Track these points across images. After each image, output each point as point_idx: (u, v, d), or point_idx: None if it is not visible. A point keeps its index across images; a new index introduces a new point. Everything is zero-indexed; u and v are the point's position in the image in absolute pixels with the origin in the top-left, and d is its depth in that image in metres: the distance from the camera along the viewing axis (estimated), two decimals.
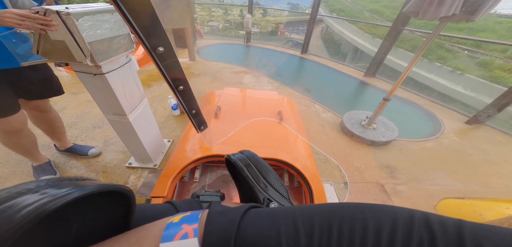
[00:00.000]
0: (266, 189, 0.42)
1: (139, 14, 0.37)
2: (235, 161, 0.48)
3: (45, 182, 0.21)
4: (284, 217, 0.25)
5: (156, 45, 0.42)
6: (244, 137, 1.19)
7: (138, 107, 1.30)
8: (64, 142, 1.61)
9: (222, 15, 22.24)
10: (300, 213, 0.25)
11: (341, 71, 4.52)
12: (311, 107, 2.82)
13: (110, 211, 0.28)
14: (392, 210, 0.22)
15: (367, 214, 0.22)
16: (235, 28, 20.48)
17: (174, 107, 2.24)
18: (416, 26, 7.27)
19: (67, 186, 0.21)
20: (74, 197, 0.20)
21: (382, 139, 2.14)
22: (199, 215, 0.27)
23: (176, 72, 0.52)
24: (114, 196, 0.26)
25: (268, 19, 22.76)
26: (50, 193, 0.19)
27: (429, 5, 1.30)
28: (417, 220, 0.20)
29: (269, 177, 0.45)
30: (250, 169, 0.46)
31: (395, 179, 1.81)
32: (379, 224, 0.21)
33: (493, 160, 2.20)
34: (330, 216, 0.23)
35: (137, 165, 1.63)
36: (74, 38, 0.80)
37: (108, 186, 0.24)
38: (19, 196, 0.18)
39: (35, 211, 0.17)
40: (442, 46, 8.33)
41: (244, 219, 0.25)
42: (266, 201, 0.39)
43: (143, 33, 0.39)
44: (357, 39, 11.22)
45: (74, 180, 0.23)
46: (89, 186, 0.22)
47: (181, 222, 0.25)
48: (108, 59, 0.96)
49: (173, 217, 0.27)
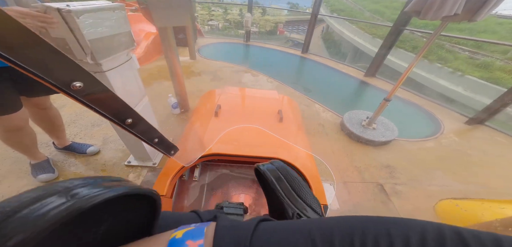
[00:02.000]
0: (296, 203, 0.40)
1: (28, 52, 0.27)
2: (264, 172, 0.46)
3: (75, 183, 0.20)
4: (300, 233, 0.23)
5: (68, 80, 0.32)
6: (244, 136, 1.19)
7: (138, 105, 1.30)
8: (63, 140, 1.60)
9: (222, 14, 22.23)
10: (317, 228, 0.23)
11: (341, 71, 4.52)
12: (312, 107, 2.82)
13: (137, 214, 0.27)
14: (419, 225, 0.21)
15: (392, 229, 0.20)
16: (234, 27, 20.46)
17: (174, 106, 2.24)
18: (416, 26, 7.28)
19: (97, 187, 0.20)
20: (104, 199, 0.19)
21: (381, 139, 2.14)
22: (204, 229, 0.25)
23: (114, 104, 0.41)
24: (140, 200, 0.25)
25: (267, 18, 22.75)
26: (80, 194, 0.18)
27: (431, 5, 1.29)
28: (449, 236, 0.19)
29: (301, 191, 0.42)
30: (279, 181, 0.43)
31: (394, 179, 1.82)
32: (406, 240, 0.19)
33: (492, 160, 2.20)
34: (350, 232, 0.21)
35: (136, 164, 1.63)
36: (75, 36, 0.79)
37: (137, 189, 0.23)
38: (48, 197, 0.18)
39: (62, 213, 0.16)
40: (443, 46, 8.34)
41: (255, 235, 0.23)
42: (296, 216, 0.38)
43: (42, 70, 0.29)
44: (358, 39, 11.23)
45: (103, 180, 0.22)
46: (119, 187, 0.21)
47: (185, 238, 0.24)
48: (108, 57, 0.95)
49: (176, 232, 0.25)
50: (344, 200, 1.59)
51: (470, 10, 1.23)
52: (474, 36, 4.53)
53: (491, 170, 2.06)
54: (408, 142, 2.32)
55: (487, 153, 2.31)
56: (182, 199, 1.09)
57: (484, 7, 1.18)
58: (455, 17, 1.28)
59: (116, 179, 0.24)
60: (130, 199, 0.24)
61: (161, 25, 1.58)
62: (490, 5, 1.17)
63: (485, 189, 1.83)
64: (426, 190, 1.75)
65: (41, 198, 0.17)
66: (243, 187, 1.15)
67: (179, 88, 2.09)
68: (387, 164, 1.96)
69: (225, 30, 19.52)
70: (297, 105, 1.83)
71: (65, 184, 0.19)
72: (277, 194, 0.42)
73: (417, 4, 1.39)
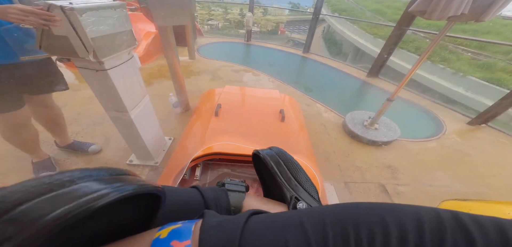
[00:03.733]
0: (295, 188, 0.40)
1: None
2: (264, 157, 0.45)
3: (78, 174, 0.19)
4: (291, 225, 0.22)
5: None
6: (246, 134, 1.19)
7: (139, 104, 1.30)
8: (65, 138, 1.60)
9: (222, 14, 22.23)
10: (308, 218, 0.22)
11: (343, 71, 4.50)
12: (313, 107, 2.81)
13: (138, 209, 0.26)
14: (414, 210, 0.20)
15: (386, 216, 0.20)
16: (235, 27, 20.45)
17: (175, 105, 2.24)
18: (419, 26, 7.24)
19: (105, 183, 0.19)
20: (116, 198, 0.18)
21: (384, 139, 2.13)
22: (192, 227, 0.23)
23: None
24: (145, 196, 0.25)
25: (269, 18, 22.76)
26: (92, 188, 0.18)
27: (437, 4, 1.26)
28: (447, 221, 0.18)
29: (298, 175, 0.43)
30: (278, 166, 0.43)
31: (396, 179, 1.81)
32: (402, 227, 0.18)
33: (495, 161, 2.19)
34: (343, 220, 0.20)
35: (138, 163, 1.63)
36: (77, 34, 0.79)
37: (147, 187, 0.23)
38: (83, 181, 0.17)
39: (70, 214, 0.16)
40: (446, 47, 8.31)
41: (245, 231, 0.22)
42: (294, 200, 0.38)
43: None
44: (359, 39, 11.19)
45: (114, 173, 0.21)
46: (129, 186, 0.20)
47: (170, 238, 0.22)
48: (110, 55, 0.95)
49: (160, 230, 0.23)
50: (345, 200, 1.58)
51: (477, 10, 1.20)
52: (479, 37, 4.49)
53: (493, 171, 2.04)
54: (410, 143, 2.31)
55: (490, 154, 2.29)
56: None
57: (491, 7, 1.16)
58: (461, 17, 1.25)
59: (123, 172, 0.23)
60: (137, 196, 0.23)
61: (161, 24, 1.58)
62: (498, 5, 1.15)
63: (487, 190, 1.82)
64: (428, 191, 1.74)
65: (83, 179, 0.17)
66: None
67: (179, 87, 2.09)
68: (389, 165, 1.95)
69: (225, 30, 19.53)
70: (298, 105, 1.83)
71: (92, 173, 0.19)
72: (276, 178, 0.42)
73: (422, 4, 1.37)
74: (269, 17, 23.13)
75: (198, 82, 3.20)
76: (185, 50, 4.19)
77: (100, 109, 1.97)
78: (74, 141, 1.67)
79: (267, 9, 25.65)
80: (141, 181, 0.23)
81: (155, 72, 3.31)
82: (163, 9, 1.48)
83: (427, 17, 1.38)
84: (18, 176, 1.44)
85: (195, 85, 3.10)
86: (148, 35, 3.81)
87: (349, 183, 1.72)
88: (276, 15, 25.30)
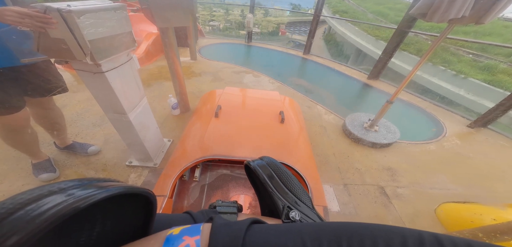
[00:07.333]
0: (286, 196, 0.41)
1: None
2: (254, 168, 0.47)
3: (70, 184, 0.20)
4: (290, 234, 0.25)
5: None
6: (245, 138, 1.18)
7: (138, 106, 1.30)
8: (64, 139, 1.61)
9: (223, 15, 22.30)
10: (307, 230, 0.25)
11: (344, 73, 4.49)
12: (313, 108, 2.81)
13: (131, 215, 0.27)
14: (400, 230, 0.23)
15: (376, 232, 0.23)
16: (236, 28, 20.51)
17: (174, 107, 2.24)
18: (421, 28, 7.23)
19: (92, 187, 0.20)
20: (100, 199, 0.19)
21: (383, 141, 2.12)
22: (201, 227, 0.26)
23: None
24: (136, 200, 0.26)
25: (269, 19, 22.80)
26: (75, 194, 0.19)
27: (438, 7, 1.26)
28: (428, 240, 0.21)
29: (290, 183, 0.43)
30: (270, 177, 0.44)
31: (396, 182, 1.80)
32: (389, 241, 0.22)
33: (495, 164, 2.17)
34: (338, 233, 0.24)
35: (137, 164, 1.63)
36: (74, 36, 0.79)
37: (132, 189, 0.24)
38: (43, 198, 0.18)
39: (58, 213, 0.16)
40: (447, 49, 8.29)
41: (248, 233, 0.25)
42: (286, 209, 0.38)
43: None
44: (360, 41, 11.17)
45: (98, 181, 0.22)
46: (114, 187, 0.21)
47: (182, 234, 0.25)
48: (108, 58, 0.95)
49: (172, 229, 0.27)
50: (344, 202, 1.58)
51: (478, 13, 1.20)
52: (480, 39, 4.48)
53: (493, 174, 2.03)
54: (410, 145, 2.30)
55: (490, 156, 2.28)
56: (182, 199, 1.09)
57: (492, 10, 1.16)
58: (462, 19, 1.25)
59: (112, 180, 0.24)
60: (126, 199, 0.25)
61: (163, 25, 1.58)
62: (498, 7, 1.15)
63: (487, 193, 1.81)
64: (427, 193, 1.73)
65: (36, 199, 0.17)
66: (243, 187, 1.15)
67: (179, 88, 2.09)
68: (389, 167, 1.94)
69: (226, 31, 19.59)
70: (298, 107, 1.82)
71: (60, 185, 0.19)
72: (267, 189, 0.42)
73: (423, 6, 1.36)
74: (270, 18, 23.17)
75: (199, 83, 3.20)
76: (186, 50, 4.19)
77: (99, 111, 1.97)
78: (74, 142, 1.67)
79: (268, 10, 25.70)
80: (130, 185, 0.24)
81: (155, 73, 3.31)
82: (164, 10, 1.49)
83: (428, 20, 1.37)
84: (18, 177, 1.44)
85: (196, 86, 3.10)
86: (149, 36, 3.81)
87: (349, 185, 1.71)
88: (277, 16, 25.34)
